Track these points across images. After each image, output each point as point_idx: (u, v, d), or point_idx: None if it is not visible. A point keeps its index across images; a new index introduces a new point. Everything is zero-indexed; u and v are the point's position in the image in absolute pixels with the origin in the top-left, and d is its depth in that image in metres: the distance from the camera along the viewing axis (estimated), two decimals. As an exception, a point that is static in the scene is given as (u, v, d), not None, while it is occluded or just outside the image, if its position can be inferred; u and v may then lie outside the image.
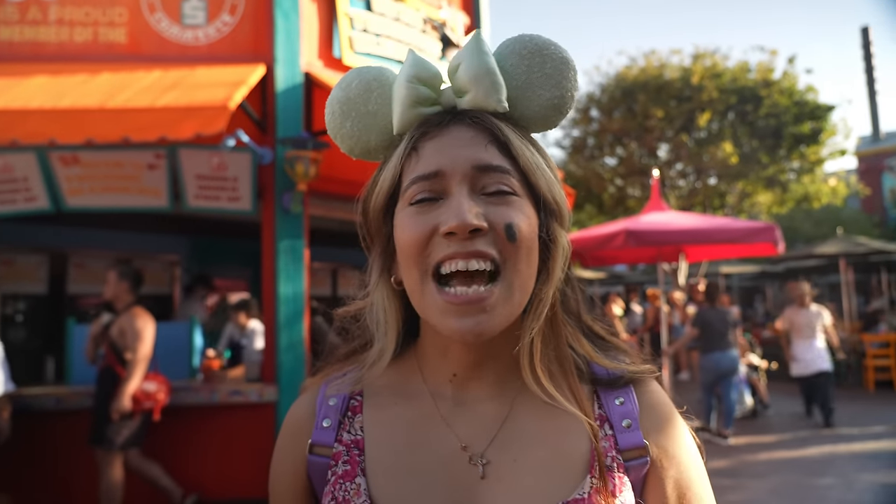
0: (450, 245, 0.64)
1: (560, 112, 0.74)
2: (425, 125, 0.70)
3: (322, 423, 0.75)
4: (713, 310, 6.87)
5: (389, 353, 0.76)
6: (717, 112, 14.00)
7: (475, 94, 0.69)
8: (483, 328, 0.64)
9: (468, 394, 0.74)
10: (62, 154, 4.39)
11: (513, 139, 0.69)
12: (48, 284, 6.22)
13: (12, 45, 4.71)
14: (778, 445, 6.63)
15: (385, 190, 0.72)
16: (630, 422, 0.71)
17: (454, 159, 0.67)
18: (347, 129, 0.74)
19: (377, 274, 0.76)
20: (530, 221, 0.68)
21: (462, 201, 0.64)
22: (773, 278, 19.88)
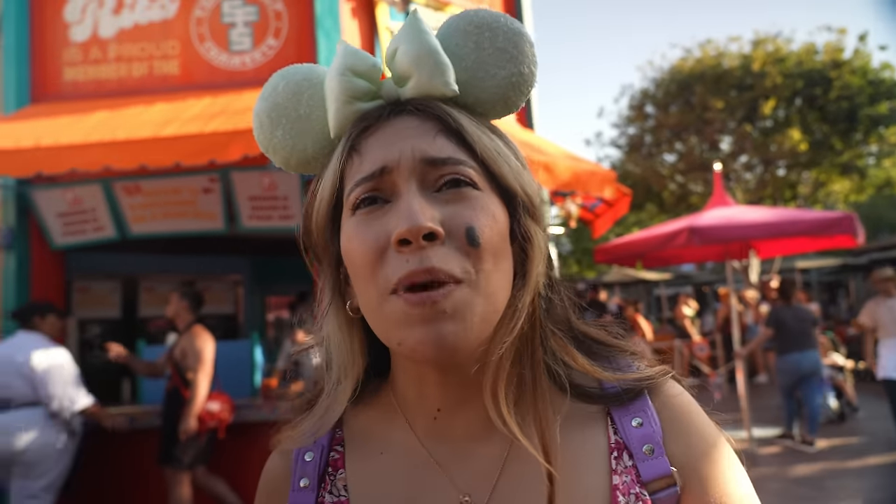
0: (408, 261, 0.54)
1: (520, 91, 0.64)
2: (364, 121, 0.61)
3: (299, 483, 0.66)
4: (788, 308, 6.46)
5: (344, 400, 0.64)
6: (783, 98, 13.30)
7: (418, 78, 0.61)
8: (454, 338, 0.53)
9: (458, 432, 0.63)
10: (125, 184, 4.60)
11: (466, 125, 0.60)
12: (121, 309, 6.52)
13: (76, 84, 4.99)
14: (869, 450, 6.13)
15: (326, 200, 0.62)
16: (652, 447, 0.60)
17: (400, 152, 0.58)
18: (279, 139, 0.65)
19: (328, 301, 0.65)
20: (496, 219, 0.58)
21: (412, 201, 0.55)
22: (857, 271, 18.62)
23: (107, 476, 4.33)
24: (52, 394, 3.59)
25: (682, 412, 0.63)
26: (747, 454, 6.25)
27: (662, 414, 0.62)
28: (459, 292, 0.54)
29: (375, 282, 0.56)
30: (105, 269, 6.38)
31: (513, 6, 6.26)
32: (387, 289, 0.55)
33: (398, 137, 0.59)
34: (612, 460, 0.60)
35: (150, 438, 4.35)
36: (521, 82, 0.64)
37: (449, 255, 0.55)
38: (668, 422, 0.62)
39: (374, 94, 0.63)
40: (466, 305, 0.54)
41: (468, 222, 0.56)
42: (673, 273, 18.20)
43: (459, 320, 0.54)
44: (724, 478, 0.59)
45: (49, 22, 5.05)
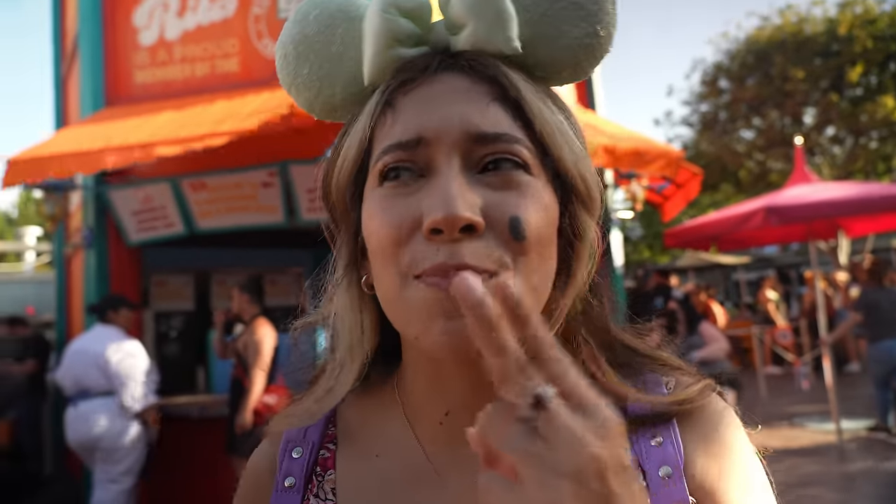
0: (438, 251, 0.47)
1: (594, 55, 0.54)
2: (405, 72, 0.52)
3: (284, 483, 0.59)
4: (881, 290, 5.95)
5: (349, 381, 0.57)
6: (874, 64, 12.24)
7: (475, 28, 0.51)
8: None
9: (463, 438, 0.56)
10: (191, 181, 4.76)
11: (526, 94, 0.51)
12: (195, 301, 6.82)
13: (146, 86, 5.21)
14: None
15: (351, 161, 0.54)
16: (670, 470, 0.52)
17: (442, 121, 0.49)
18: (304, 78, 0.56)
19: (342, 273, 0.58)
20: (547, 210, 0.51)
21: (450, 184, 0.47)
22: (963, 249, 17.01)
23: (179, 463, 4.53)
24: (121, 385, 3.79)
25: (715, 430, 0.55)
26: (835, 448, 5.83)
27: (688, 432, 0.54)
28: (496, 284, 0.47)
29: (397, 264, 0.49)
30: (179, 263, 6.67)
31: None
32: (409, 273, 0.49)
33: (444, 101, 0.50)
34: None
35: (220, 427, 4.52)
36: (596, 45, 0.54)
37: (486, 249, 0.47)
38: (697, 440, 0.54)
39: (419, 39, 0.54)
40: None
41: (514, 212, 0.48)
42: (753, 256, 17.27)
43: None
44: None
45: (120, 28, 5.28)
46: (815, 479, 4.93)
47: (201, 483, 4.57)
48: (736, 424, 0.56)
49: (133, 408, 3.85)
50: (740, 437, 0.55)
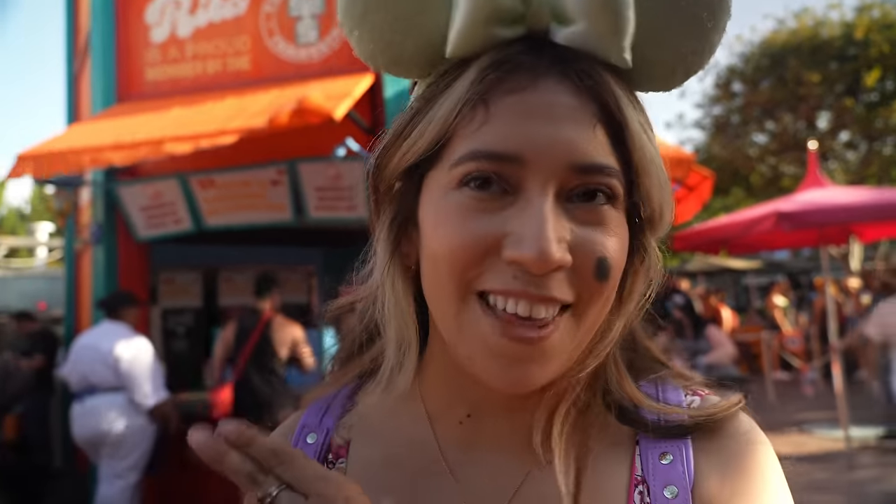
0: (515, 277, 0.45)
1: (691, 70, 0.51)
2: (502, 65, 0.47)
3: None
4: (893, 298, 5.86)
5: (413, 360, 0.54)
6: (891, 69, 12.11)
7: (587, 29, 0.46)
8: (534, 380, 0.46)
9: (482, 443, 0.56)
10: (199, 178, 4.77)
11: (631, 120, 0.47)
12: (203, 298, 6.84)
13: (157, 83, 5.23)
14: None
15: (423, 146, 0.49)
16: (676, 491, 0.49)
17: (546, 143, 0.45)
18: (372, 25, 0.50)
19: (385, 255, 0.54)
20: (623, 245, 0.49)
21: (546, 219, 0.44)
22: (979, 257, 16.78)
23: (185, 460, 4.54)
24: (131, 383, 3.80)
25: (737, 451, 0.52)
26: (843, 456, 5.76)
27: (710, 450, 0.52)
28: (560, 331, 0.47)
29: (461, 280, 0.47)
30: (187, 260, 6.70)
31: None
32: (472, 287, 0.47)
33: (549, 118, 0.46)
34: (636, 495, 0.51)
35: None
36: (696, 63, 0.51)
37: (567, 282, 0.46)
38: (713, 460, 0.51)
39: (517, 17, 0.48)
40: (562, 347, 0.47)
41: (601, 253, 0.46)
42: (763, 261, 17.11)
43: (548, 363, 0.47)
44: None
45: (132, 25, 5.31)
46: (822, 486, 4.87)
47: (207, 480, 4.57)
48: (764, 447, 0.53)
49: (145, 403, 3.88)
50: (766, 462, 0.52)
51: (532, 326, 0.45)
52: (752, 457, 0.52)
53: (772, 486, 0.51)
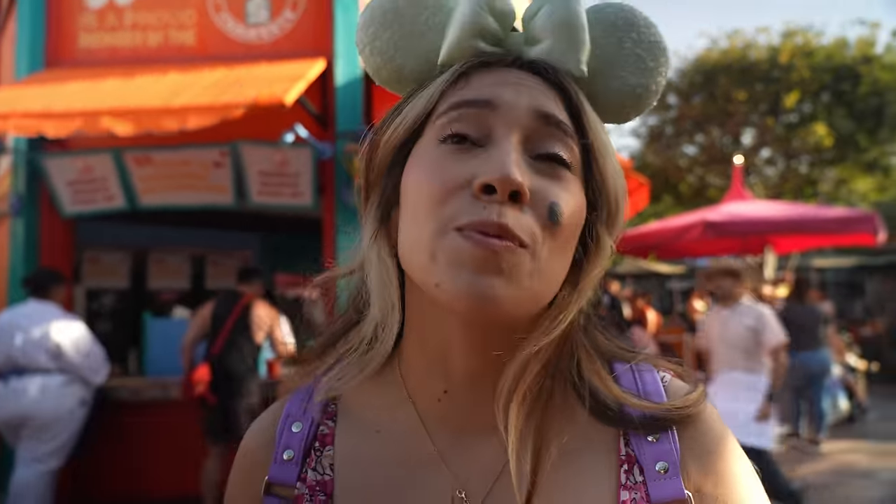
0: (484, 208, 0.49)
1: (638, 106, 0.60)
2: (483, 56, 0.56)
3: (282, 456, 0.60)
4: (801, 306, 6.35)
5: (396, 322, 0.57)
6: (809, 93, 13.00)
7: (552, 44, 0.56)
8: (501, 293, 0.48)
9: (460, 420, 0.58)
10: (135, 154, 4.57)
11: (586, 108, 0.56)
12: (130, 280, 6.55)
13: (91, 51, 4.94)
14: (877, 452, 6.04)
15: (411, 119, 0.56)
16: (667, 465, 0.54)
17: (512, 94, 0.53)
18: (381, 44, 0.59)
19: (372, 229, 0.58)
20: (579, 208, 0.54)
21: (509, 151, 0.50)
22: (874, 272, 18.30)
23: (108, 447, 4.36)
24: (72, 364, 3.62)
25: (708, 433, 0.57)
26: (749, 452, 6.18)
27: (685, 433, 0.56)
28: (521, 255, 0.49)
29: (436, 217, 0.51)
30: (115, 239, 6.39)
31: None
32: (449, 225, 0.50)
33: (516, 84, 0.54)
34: (623, 473, 0.54)
35: (153, 411, 4.38)
36: (644, 96, 0.60)
37: (524, 220, 0.50)
38: (690, 441, 0.56)
39: (498, 39, 0.57)
40: (523, 269, 0.50)
41: (555, 198, 0.52)
42: (687, 266, 18.00)
43: (512, 280, 0.49)
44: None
45: (66, -13, 4.99)
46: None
47: (129, 468, 4.41)
48: (733, 437, 0.59)
49: (95, 381, 3.77)
50: (735, 444, 0.58)
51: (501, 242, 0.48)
52: (727, 446, 0.57)
53: (748, 472, 0.57)
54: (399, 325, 0.58)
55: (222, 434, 4.00)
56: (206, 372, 3.91)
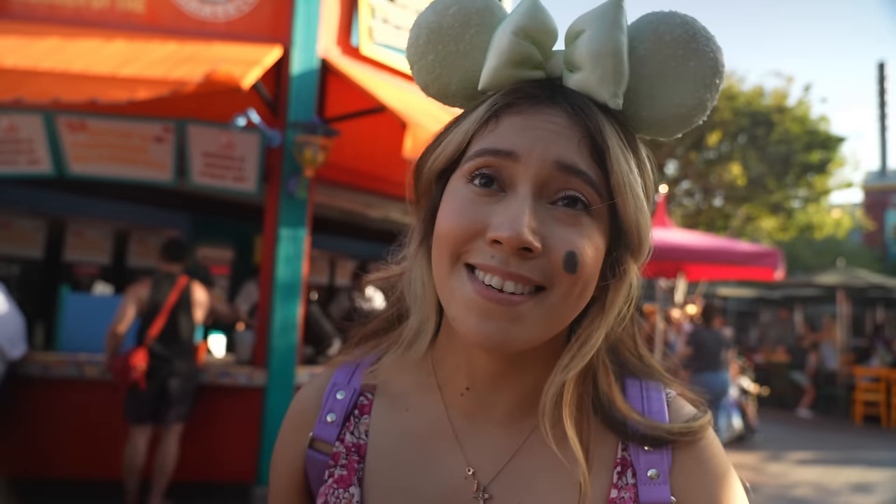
0: (493, 255, 0.54)
1: (685, 124, 0.60)
2: (515, 94, 0.58)
3: (326, 417, 0.69)
4: (708, 330, 6.84)
5: (430, 332, 0.66)
6: (729, 133, 13.97)
7: (588, 75, 0.56)
8: (507, 338, 0.54)
9: (480, 413, 0.66)
10: (70, 119, 4.34)
11: (612, 147, 0.56)
12: (44, 250, 6.16)
13: (28, 5, 4.65)
14: (762, 468, 6.60)
15: (449, 152, 0.61)
16: (657, 472, 0.60)
17: (534, 144, 0.55)
18: (428, 63, 0.62)
19: (417, 241, 0.66)
20: (598, 252, 0.57)
21: (523, 208, 0.54)
22: (770, 304, 19.86)
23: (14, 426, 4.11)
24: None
25: (703, 456, 0.61)
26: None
27: (680, 450, 0.61)
28: (530, 305, 0.55)
29: (453, 254, 0.57)
30: (32, 206, 6.01)
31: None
32: (462, 259, 0.57)
33: (541, 130, 0.56)
34: (615, 474, 0.61)
35: (66, 388, 4.17)
36: (690, 116, 0.59)
37: (536, 264, 0.55)
38: (684, 456, 0.61)
39: (538, 64, 0.59)
40: (529, 316, 0.55)
41: (571, 246, 0.55)
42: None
43: (519, 324, 0.55)
44: None
45: (3, -66, 4.68)
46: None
47: (37, 448, 4.17)
48: (723, 452, 0.63)
49: (13, 354, 3.60)
50: (727, 464, 0.61)
51: (504, 295, 0.54)
52: (717, 460, 0.61)
53: (739, 488, 0.60)
54: (435, 329, 0.67)
55: (150, 417, 3.88)
56: (143, 357, 3.79)
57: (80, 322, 4.56)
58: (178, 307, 3.98)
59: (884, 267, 21.58)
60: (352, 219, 6.53)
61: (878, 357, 11.26)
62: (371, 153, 5.22)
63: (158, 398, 3.86)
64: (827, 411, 10.87)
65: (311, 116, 4.52)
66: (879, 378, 10.18)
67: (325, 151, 4.31)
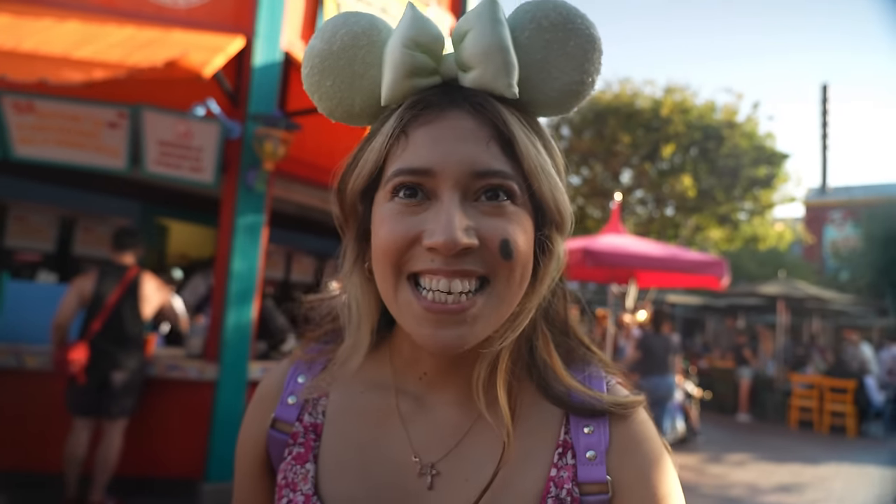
0: (433, 260, 0.57)
1: (576, 98, 0.64)
2: (419, 105, 0.60)
3: (287, 400, 0.74)
4: (656, 336, 7.06)
5: (363, 350, 0.71)
6: (682, 145, 14.43)
7: (482, 72, 0.59)
8: (463, 341, 0.58)
9: (434, 397, 0.70)
10: (16, 100, 4.17)
11: (519, 136, 0.60)
12: (-17, 235, 5.90)
13: (-25, -22, 4.45)
14: (704, 469, 6.86)
15: (366, 173, 0.63)
16: (595, 454, 0.64)
17: (448, 157, 0.58)
18: (327, 89, 0.64)
19: (351, 261, 0.69)
20: (528, 234, 0.61)
21: (453, 214, 0.56)
22: (715, 312, 20.59)
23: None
24: None
25: (638, 437, 0.65)
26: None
27: (617, 432, 0.65)
28: (478, 305, 0.58)
29: (395, 267, 0.60)
30: (-30, 187, 5.74)
31: (459, 7, 6.34)
32: (404, 271, 0.60)
33: (451, 139, 0.59)
34: (556, 455, 0.64)
35: (3, 379, 4.01)
36: (580, 90, 0.63)
37: (480, 259, 0.58)
38: (622, 440, 0.65)
39: (432, 70, 0.62)
40: (483, 314, 0.59)
41: (503, 235, 0.58)
42: (558, 289, 19.15)
43: (472, 327, 0.59)
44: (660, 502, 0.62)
45: None
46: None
47: None
48: (655, 435, 0.67)
49: None
50: (659, 447, 0.66)
51: (452, 304, 0.57)
52: (650, 443, 0.65)
53: (670, 470, 0.65)
54: (372, 332, 0.71)
55: (92, 410, 3.76)
56: (83, 351, 3.66)
57: (21, 311, 4.38)
58: (122, 301, 3.85)
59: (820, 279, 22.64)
60: (309, 214, 6.47)
61: (813, 365, 11.84)
62: (331, 149, 5.16)
63: (100, 391, 3.75)
64: (764, 416, 11.35)
65: (273, 109, 4.47)
66: (813, 385, 10.69)
67: (285, 145, 4.27)
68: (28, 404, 4.07)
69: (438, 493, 0.65)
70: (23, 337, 4.27)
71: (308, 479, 0.68)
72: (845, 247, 27.16)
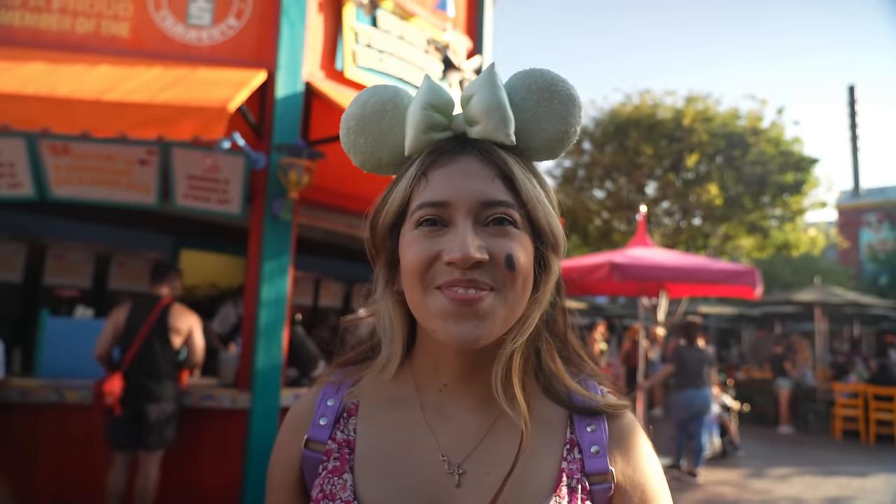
0: (452, 273, 0.69)
1: (563, 145, 0.78)
2: (436, 152, 0.74)
3: (319, 421, 0.81)
4: (690, 348, 6.93)
5: (397, 359, 0.80)
6: (706, 155, 14.27)
7: (485, 125, 0.74)
8: (480, 333, 0.69)
9: (454, 406, 0.79)
10: (52, 143, 4.34)
11: (517, 174, 0.73)
12: (23, 273, 6.09)
13: (12, 29, 4.68)
14: (745, 485, 6.66)
15: (394, 210, 0.76)
16: (598, 448, 0.76)
17: (461, 191, 0.71)
18: (360, 146, 0.79)
19: (382, 285, 0.81)
20: (528, 252, 0.73)
21: (466, 234, 0.69)
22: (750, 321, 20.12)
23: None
24: None
25: (629, 433, 0.80)
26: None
27: (613, 430, 0.79)
28: (491, 299, 0.70)
29: (423, 281, 0.72)
30: (11, 228, 5.95)
31: (474, 30, 6.43)
32: (431, 285, 0.71)
33: (463, 177, 0.72)
34: (565, 450, 0.77)
35: (46, 414, 4.11)
36: (564, 139, 0.78)
37: (487, 272, 0.70)
38: (617, 437, 0.79)
39: (446, 126, 0.77)
40: (494, 311, 0.70)
41: (508, 251, 0.71)
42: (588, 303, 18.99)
43: (486, 322, 0.70)
44: (651, 487, 0.77)
45: (-12, -41, 4.71)
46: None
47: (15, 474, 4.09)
48: (643, 434, 0.81)
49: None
50: (647, 444, 0.81)
51: (469, 294, 0.69)
52: (641, 440, 0.80)
53: (655, 460, 0.80)
54: (403, 352, 0.81)
55: (130, 442, 3.83)
56: (118, 383, 3.74)
57: (61, 346, 4.51)
58: (152, 332, 3.93)
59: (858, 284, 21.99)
60: (336, 240, 6.56)
61: (856, 373, 11.46)
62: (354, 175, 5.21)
63: (136, 423, 3.82)
64: (807, 427, 11.00)
65: (296, 139, 4.57)
66: (857, 394, 10.33)
67: (309, 173, 4.35)
68: (69, 438, 4.17)
69: (466, 490, 0.74)
70: (63, 372, 4.39)
71: (347, 488, 0.75)
72: (883, 249, 26.39)
